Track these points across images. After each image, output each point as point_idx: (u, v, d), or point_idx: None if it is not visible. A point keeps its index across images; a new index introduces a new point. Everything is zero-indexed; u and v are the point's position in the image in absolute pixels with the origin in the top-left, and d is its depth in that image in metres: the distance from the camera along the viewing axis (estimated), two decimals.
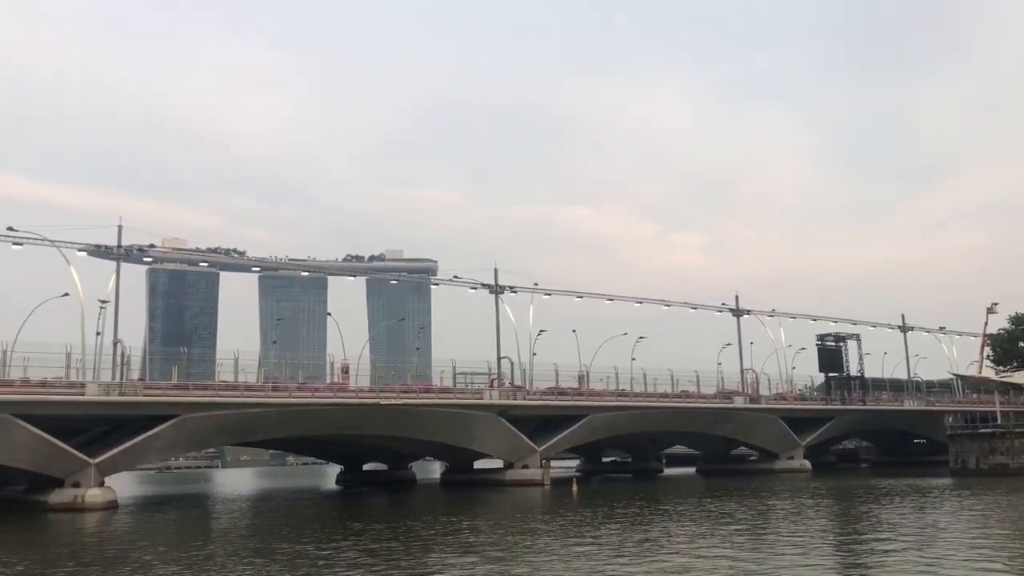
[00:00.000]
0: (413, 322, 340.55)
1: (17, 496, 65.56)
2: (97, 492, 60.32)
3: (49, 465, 60.34)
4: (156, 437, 63.75)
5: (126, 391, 64.07)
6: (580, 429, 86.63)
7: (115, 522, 52.93)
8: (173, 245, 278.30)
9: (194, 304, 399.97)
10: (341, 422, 74.73)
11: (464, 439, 79.81)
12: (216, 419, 67.22)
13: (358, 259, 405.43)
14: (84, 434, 67.43)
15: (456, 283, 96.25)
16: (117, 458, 63.39)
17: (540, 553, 30.97)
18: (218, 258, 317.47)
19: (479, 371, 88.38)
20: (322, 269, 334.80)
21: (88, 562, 32.50)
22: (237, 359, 74.17)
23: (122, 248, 71.98)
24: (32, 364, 65.65)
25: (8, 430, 57.66)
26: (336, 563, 29.28)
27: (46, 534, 47.04)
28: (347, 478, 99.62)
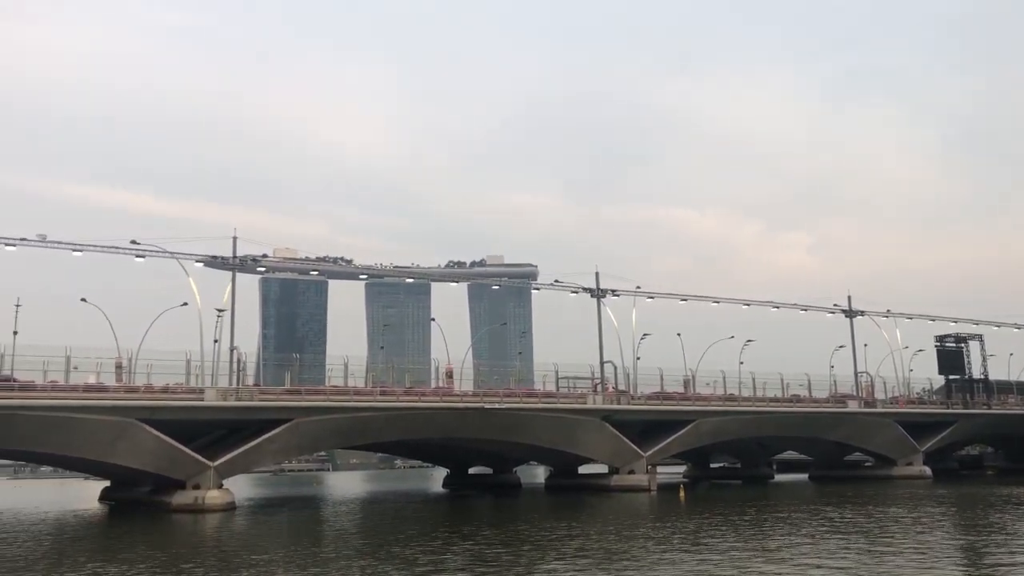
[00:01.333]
0: (514, 327, 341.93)
1: (143, 497, 68.68)
2: (216, 494, 62.65)
3: (172, 468, 63.04)
4: (271, 440, 65.83)
5: (242, 396, 66.41)
6: (687, 434, 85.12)
7: (233, 523, 54.80)
8: (284, 255, 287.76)
9: (304, 311, 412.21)
10: (446, 426, 75.55)
11: (568, 444, 79.49)
12: (328, 423, 68.97)
13: (460, 265, 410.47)
14: (203, 438, 70.07)
15: (557, 287, 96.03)
16: (235, 461, 65.72)
17: (657, 562, 30.42)
18: (327, 267, 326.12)
19: (582, 375, 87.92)
20: (425, 275, 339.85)
21: (210, 563, 33.67)
22: (347, 364, 75.98)
23: (237, 259, 74.73)
24: (155, 371, 68.91)
25: (135, 434, 60.55)
26: (446, 568, 29.45)
27: (170, 534, 49.03)
28: (454, 481, 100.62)
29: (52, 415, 58.76)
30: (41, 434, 59.96)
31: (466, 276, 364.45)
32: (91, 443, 61.13)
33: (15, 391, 59.69)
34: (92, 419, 59.63)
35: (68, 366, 64.65)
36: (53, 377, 64.51)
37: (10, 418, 57.96)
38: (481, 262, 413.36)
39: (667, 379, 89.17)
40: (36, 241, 69.65)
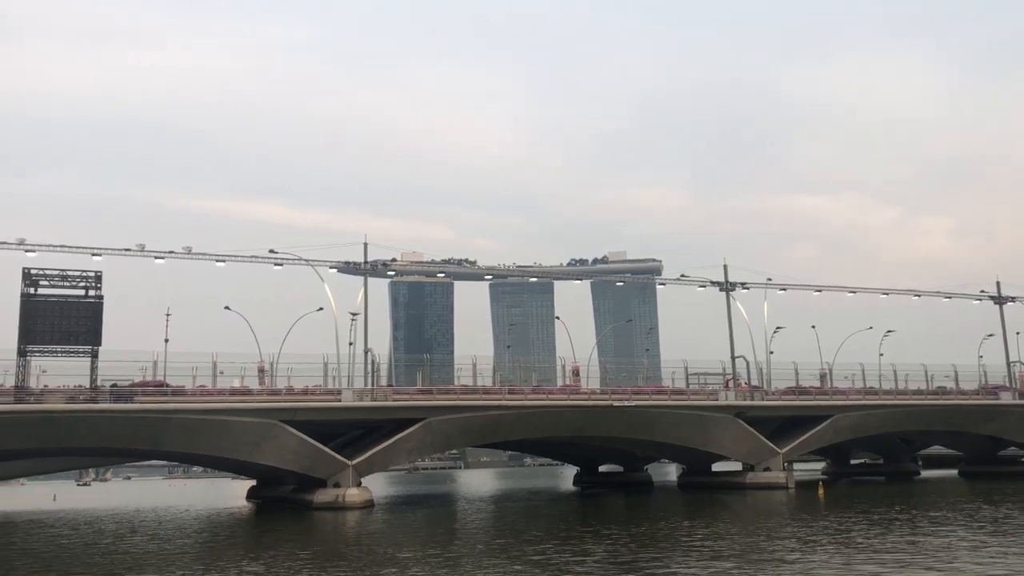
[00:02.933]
0: (640, 323, 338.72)
1: (287, 495, 71.61)
2: (355, 492, 64.68)
3: (313, 467, 65.49)
4: (406, 439, 67.47)
5: (377, 396, 68.37)
6: (824, 430, 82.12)
7: (372, 520, 56.43)
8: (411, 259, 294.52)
9: (432, 313, 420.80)
10: (574, 424, 75.47)
11: (700, 441, 78.03)
12: (458, 422, 70.12)
13: (582, 263, 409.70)
14: (341, 437, 72.46)
15: (683, 282, 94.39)
16: (372, 459, 67.70)
17: (811, 562, 29.44)
18: (452, 268, 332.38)
19: (712, 371, 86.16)
20: (548, 274, 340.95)
21: (355, 560, 34.75)
22: (475, 364, 77.01)
23: (368, 264, 77.01)
24: (295, 374, 71.79)
25: (278, 435, 63.25)
26: (585, 567, 29.36)
27: (314, 531, 50.89)
28: (584, 479, 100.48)
29: (202, 418, 62.07)
30: (193, 436, 63.42)
31: (589, 273, 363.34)
32: (238, 444, 64.20)
33: (168, 396, 63.45)
34: (239, 421, 62.65)
35: (215, 371, 68.14)
36: (201, 382, 68.07)
37: (165, 421, 61.62)
38: (604, 259, 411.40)
39: (802, 373, 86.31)
40: (182, 254, 73.70)
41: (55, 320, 61.53)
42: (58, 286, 62.85)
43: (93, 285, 63.04)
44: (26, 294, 61.43)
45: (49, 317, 61.45)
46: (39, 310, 61.37)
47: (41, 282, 62.32)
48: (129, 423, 61.21)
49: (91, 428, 61.05)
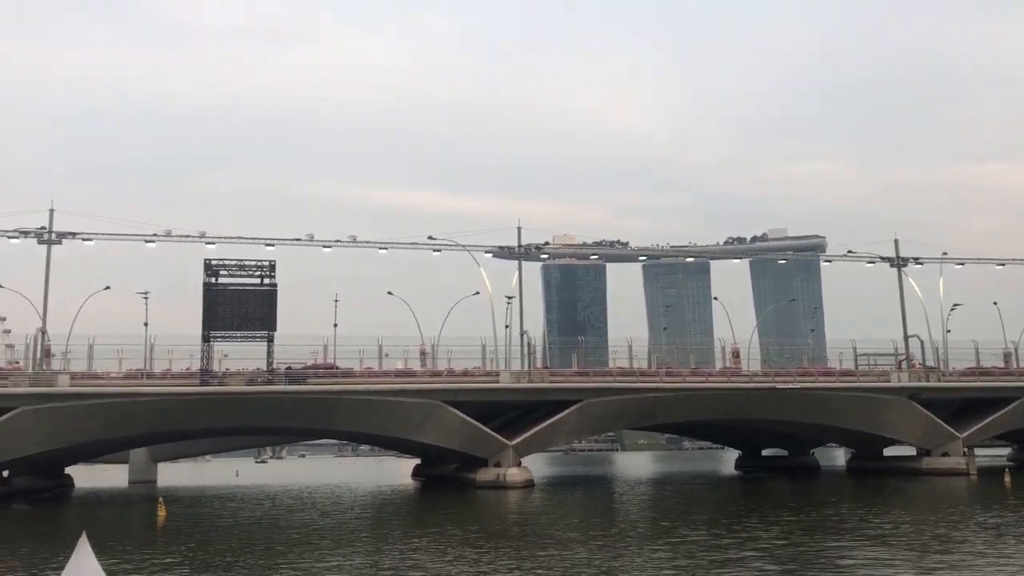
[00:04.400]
0: (803, 303, 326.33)
1: (450, 474, 73.69)
2: (516, 471, 65.74)
3: (475, 446, 67.06)
4: (563, 421, 67.92)
5: (534, 378, 69.14)
6: (1011, 413, 76.53)
7: (533, 500, 57.17)
8: (564, 242, 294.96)
9: (584, 295, 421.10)
10: (735, 407, 73.68)
11: (870, 424, 74.45)
12: (615, 404, 69.92)
13: (739, 241, 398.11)
14: (499, 418, 73.78)
15: (850, 258, 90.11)
16: (531, 440, 68.61)
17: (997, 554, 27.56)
18: (604, 250, 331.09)
19: (883, 352, 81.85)
20: (705, 253, 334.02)
21: (517, 536, 35.29)
22: (630, 346, 76.45)
23: (522, 248, 77.86)
24: (454, 356, 73.71)
25: (441, 415, 65.14)
26: (749, 550, 28.61)
27: (477, 508, 52.12)
28: (746, 463, 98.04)
29: (370, 399, 64.76)
30: (361, 416, 66.32)
31: (748, 252, 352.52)
32: (403, 423, 66.59)
33: (338, 378, 66.55)
34: (404, 402, 64.96)
35: (380, 354, 70.83)
36: (368, 364, 70.99)
37: (336, 402, 64.72)
38: (762, 236, 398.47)
39: (983, 353, 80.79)
40: (348, 242, 76.97)
41: (234, 307, 65.49)
42: (236, 275, 66.85)
43: (267, 274, 66.71)
44: (208, 283, 65.70)
45: (228, 304, 65.48)
46: (219, 298, 65.54)
47: (221, 272, 66.47)
48: (303, 404, 64.69)
49: (268, 408, 64.96)
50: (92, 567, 6.67)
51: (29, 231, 70.21)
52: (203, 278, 65.57)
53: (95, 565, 6.71)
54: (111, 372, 65.65)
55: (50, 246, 69.74)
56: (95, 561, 6.76)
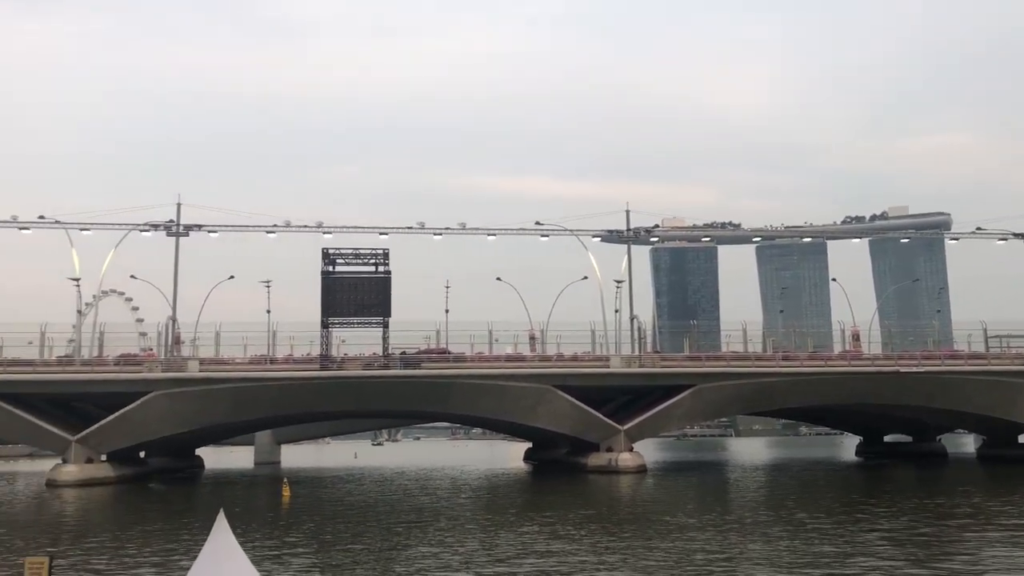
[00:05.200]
0: (926, 283, 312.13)
1: (561, 458, 73.98)
2: (628, 456, 65.42)
3: (586, 431, 67.07)
4: (676, 406, 67.13)
5: (645, 363, 68.55)
6: None
7: (646, 485, 56.80)
8: (672, 224, 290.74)
9: (695, 279, 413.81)
10: (856, 391, 71.16)
11: (1003, 410, 70.59)
12: (729, 388, 68.61)
13: (858, 220, 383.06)
14: (610, 403, 73.51)
15: (979, 235, 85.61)
16: (642, 425, 68.13)
17: None
18: (716, 232, 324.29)
19: (1016, 333, 77.55)
20: (822, 233, 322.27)
21: (631, 521, 35.15)
22: (745, 330, 74.95)
23: (631, 231, 77.14)
24: (563, 341, 73.79)
25: (551, 400, 65.39)
26: (872, 539, 27.63)
27: (590, 492, 52.14)
28: (867, 449, 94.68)
29: (482, 383, 65.59)
30: (474, 399, 67.26)
31: (867, 231, 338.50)
32: (515, 407, 67.18)
33: (451, 362, 67.68)
34: (514, 386, 65.53)
35: (491, 339, 71.68)
36: (479, 349, 71.92)
37: (449, 386, 65.87)
38: (882, 215, 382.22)
39: None
40: (457, 230, 77.99)
41: (350, 294, 67.37)
42: (352, 263, 68.69)
43: (382, 261, 68.29)
44: (325, 272, 67.76)
45: (345, 292, 67.39)
46: (337, 286, 67.51)
47: (337, 261, 68.41)
48: (417, 387, 66.10)
49: (384, 392, 66.67)
50: (230, 542, 7.00)
51: (159, 224, 73.96)
52: (321, 267, 67.63)
53: (232, 541, 7.05)
54: (237, 358, 68.66)
55: (178, 238, 73.32)
56: (232, 537, 7.09)
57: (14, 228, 74.73)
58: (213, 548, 7.09)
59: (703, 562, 23.29)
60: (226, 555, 6.92)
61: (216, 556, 6.96)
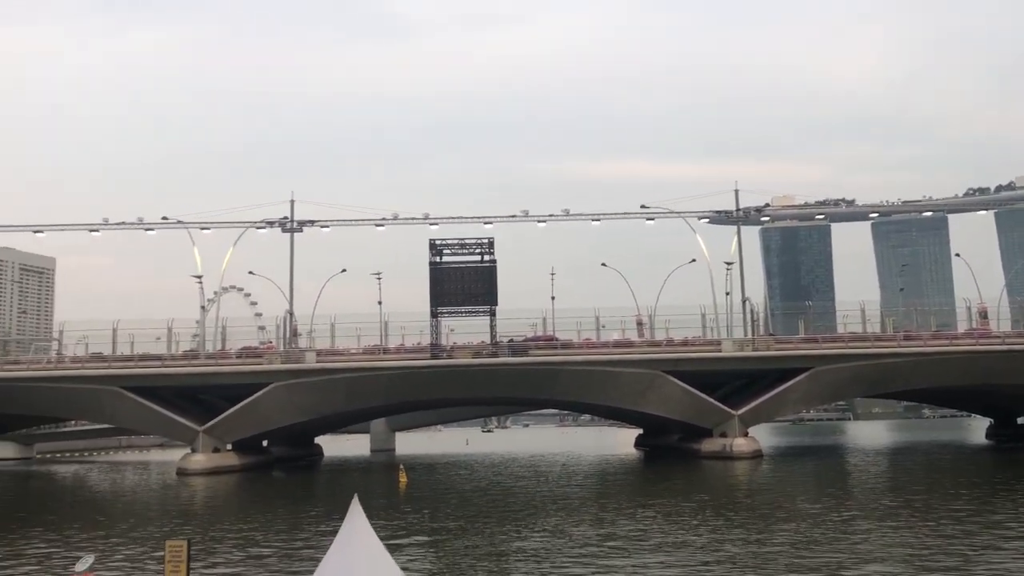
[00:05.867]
0: None
1: (673, 444, 73.08)
2: (743, 441, 64.10)
3: (698, 416, 66.05)
4: (791, 390, 65.37)
5: (758, 346, 66.94)
6: None
7: (762, 470, 55.53)
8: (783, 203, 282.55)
9: (808, 259, 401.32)
10: (985, 371, 67.65)
11: None
12: (847, 371, 66.36)
13: (982, 191, 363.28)
14: (722, 388, 72.14)
15: None
16: (757, 410, 66.63)
17: None
18: (829, 210, 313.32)
19: None
20: (943, 207, 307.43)
21: (748, 507, 34.42)
22: (863, 309, 72.37)
23: (740, 211, 75.36)
24: (672, 326, 72.77)
25: (661, 385, 64.66)
26: (1007, 525, 26.21)
27: (705, 478, 51.34)
28: (998, 432, 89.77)
29: (590, 369, 65.42)
30: (582, 386, 67.15)
31: (992, 203, 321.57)
32: (624, 393, 66.73)
33: (558, 349, 67.71)
34: (623, 371, 65.08)
35: (598, 325, 71.37)
36: (586, 335, 71.72)
37: (556, 372, 65.94)
38: (1009, 185, 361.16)
39: None
40: (561, 216, 77.91)
41: (458, 284, 68.17)
42: (458, 253, 69.43)
43: (487, 251, 68.81)
44: (433, 262, 68.75)
45: (452, 281, 68.22)
46: (444, 276, 68.42)
47: (444, 251, 69.29)
48: (525, 374, 66.44)
49: (493, 379, 67.28)
50: (364, 526, 7.15)
51: (274, 222, 76.58)
52: (428, 257, 68.66)
53: (366, 524, 7.20)
54: (351, 348, 70.51)
55: (292, 234, 75.72)
56: (366, 521, 7.24)
57: (140, 230, 78.74)
58: (348, 532, 7.26)
59: (825, 549, 22.56)
60: (360, 538, 7.08)
61: (351, 539, 7.13)
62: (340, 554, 7.16)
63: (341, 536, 7.35)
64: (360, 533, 7.16)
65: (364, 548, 7.05)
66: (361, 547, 7.04)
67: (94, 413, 75.42)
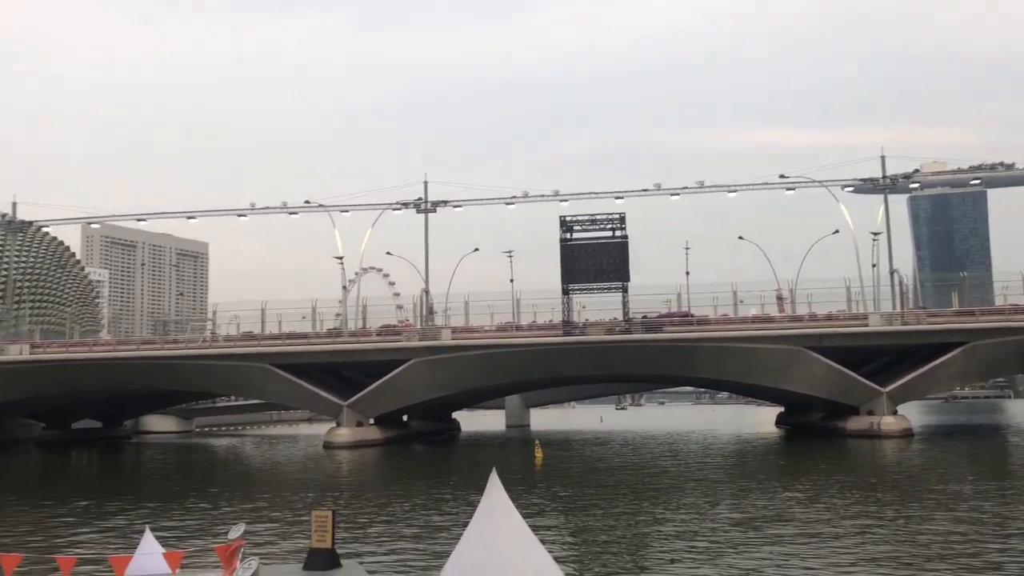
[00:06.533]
0: None
1: (817, 422, 70.52)
2: (892, 420, 61.17)
3: (843, 394, 63.45)
4: (945, 366, 61.85)
5: (908, 320, 63.56)
6: None
7: (913, 450, 52.81)
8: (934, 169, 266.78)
9: (962, 227, 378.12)
10: None
11: None
12: (1010, 345, 62.23)
13: None
14: (869, 364, 68.99)
15: None
16: (907, 387, 63.45)
17: None
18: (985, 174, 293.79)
19: None
20: None
21: (898, 488, 32.75)
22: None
23: (887, 179, 71.53)
24: (814, 300, 69.97)
25: (803, 362, 62.42)
26: None
27: (851, 458, 49.28)
28: None
29: (728, 345, 63.81)
30: (719, 363, 65.62)
31: None
32: (765, 370, 64.79)
33: (694, 326, 66.36)
34: (763, 348, 63.16)
35: (735, 300, 69.45)
36: (722, 311, 69.95)
37: (693, 350, 64.67)
38: None
39: None
40: (695, 188, 76.03)
41: (589, 260, 67.75)
42: (589, 229, 68.94)
43: (618, 226, 68.04)
44: (564, 239, 68.54)
45: (584, 258, 67.85)
46: (575, 252, 68.12)
47: (575, 227, 68.94)
48: (660, 351, 65.50)
49: (627, 356, 66.69)
50: (503, 499, 7.06)
51: (409, 203, 78.27)
52: (559, 234, 68.50)
53: (505, 498, 7.11)
54: (484, 326, 71.37)
55: (427, 215, 77.22)
56: (505, 494, 7.15)
57: (284, 214, 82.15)
58: (488, 506, 7.19)
59: (987, 537, 21.10)
60: (501, 513, 7.01)
61: (492, 514, 7.06)
62: (481, 529, 7.10)
63: (481, 511, 7.28)
64: (500, 508, 7.09)
65: (505, 523, 6.98)
66: (502, 522, 6.98)
67: (246, 389, 79.52)
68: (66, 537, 23.74)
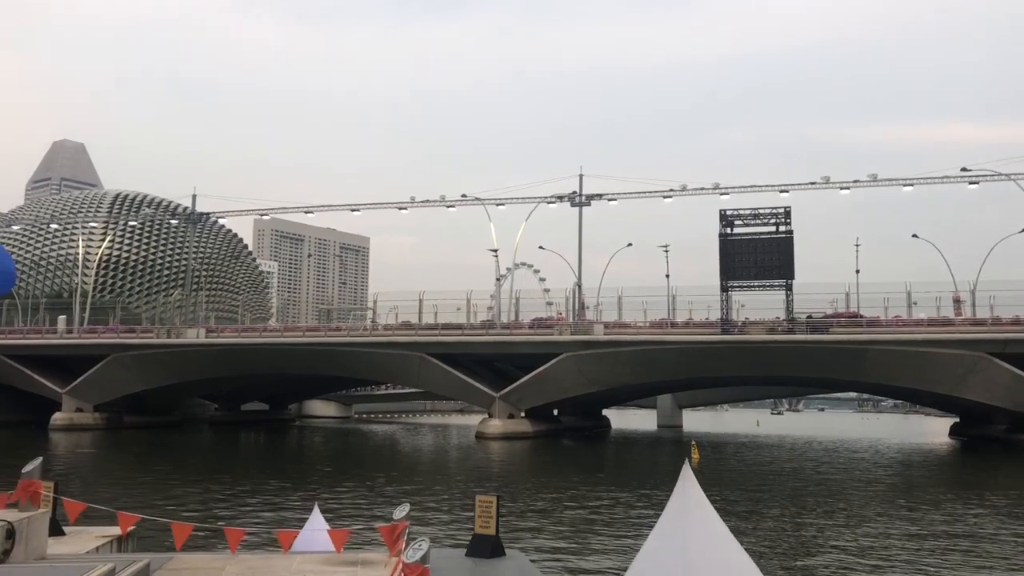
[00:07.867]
0: None
1: (998, 435, 65.27)
2: None
3: None
4: None
5: None
6: None
7: None
8: None
9: None
10: None
11: None
12: None
13: None
14: None
15: None
16: None
17: None
18: None
19: None
20: None
21: None
22: None
23: None
24: (997, 303, 64.86)
25: (985, 368, 57.84)
26: None
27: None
28: None
29: (900, 349, 59.91)
30: (890, 368, 61.69)
31: None
32: (940, 377, 60.50)
33: (864, 327, 62.76)
34: (940, 353, 58.94)
35: (909, 301, 65.32)
36: (894, 312, 65.91)
37: (861, 352, 61.10)
38: None
39: None
40: (867, 182, 71.87)
41: (750, 256, 65.32)
42: (751, 224, 66.49)
43: (783, 221, 65.25)
44: (723, 234, 66.39)
45: (744, 254, 65.49)
46: (735, 248, 65.85)
47: (736, 222, 66.66)
48: (826, 354, 62.30)
49: (789, 358, 63.83)
50: (697, 493, 6.50)
51: (563, 196, 77.99)
52: (719, 229, 66.41)
53: (699, 492, 6.55)
54: (638, 322, 70.17)
55: (581, 208, 76.69)
56: (699, 488, 6.58)
57: (442, 207, 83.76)
58: (682, 498, 6.59)
59: None
60: (695, 505, 6.43)
61: (686, 505, 6.50)
62: (674, 524, 6.51)
63: (672, 505, 6.70)
64: (694, 499, 6.49)
65: (698, 513, 6.40)
66: (695, 512, 6.40)
67: (403, 377, 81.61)
68: (237, 510, 24.75)
